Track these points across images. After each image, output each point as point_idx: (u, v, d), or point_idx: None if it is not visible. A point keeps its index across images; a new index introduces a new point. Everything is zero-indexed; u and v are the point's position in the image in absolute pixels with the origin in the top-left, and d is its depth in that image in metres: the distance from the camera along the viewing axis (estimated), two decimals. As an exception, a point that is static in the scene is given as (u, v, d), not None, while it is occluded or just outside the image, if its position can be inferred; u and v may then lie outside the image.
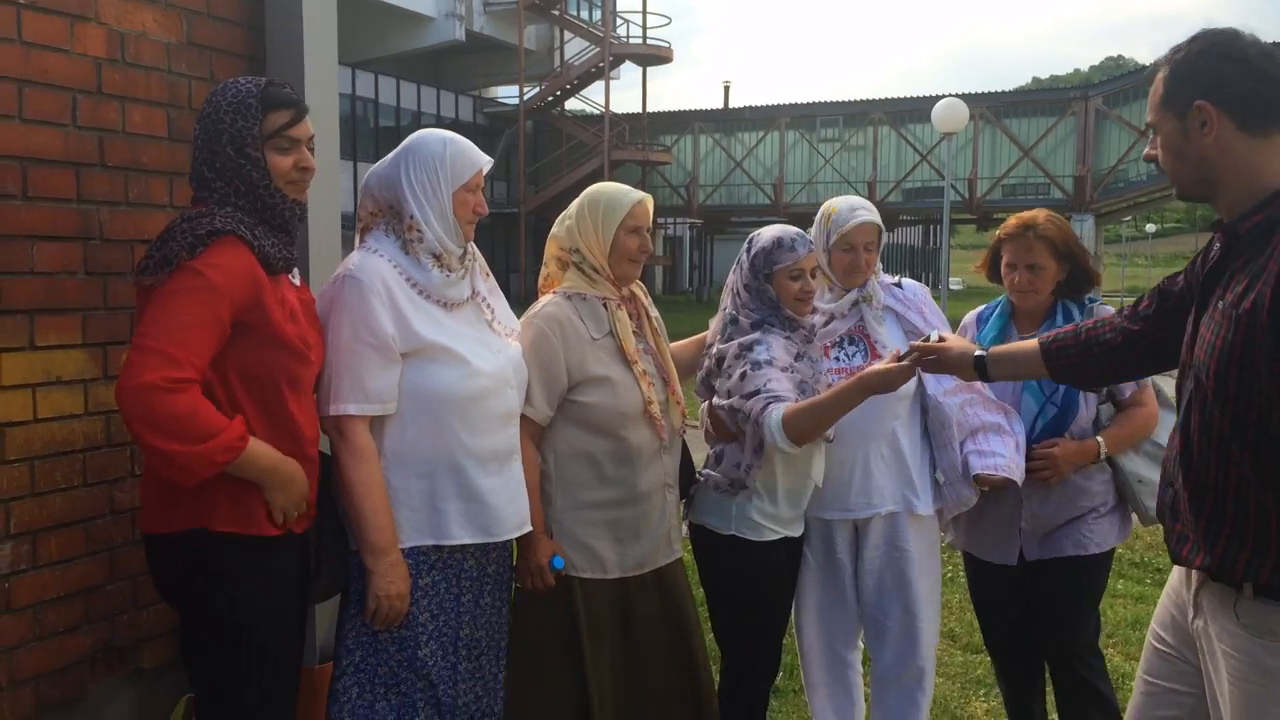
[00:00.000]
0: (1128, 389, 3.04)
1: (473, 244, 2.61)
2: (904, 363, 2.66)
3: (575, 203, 2.86)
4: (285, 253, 2.31)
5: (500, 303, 2.68)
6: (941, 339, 2.69)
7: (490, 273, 2.71)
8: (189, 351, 2.08)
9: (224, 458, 2.10)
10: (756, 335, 2.89)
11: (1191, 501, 1.98)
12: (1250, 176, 1.93)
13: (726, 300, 3.03)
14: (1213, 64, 1.94)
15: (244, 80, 2.31)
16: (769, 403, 2.74)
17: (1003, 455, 2.95)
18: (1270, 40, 2.00)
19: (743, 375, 2.83)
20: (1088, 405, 3.04)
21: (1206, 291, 2.00)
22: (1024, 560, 3.11)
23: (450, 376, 2.45)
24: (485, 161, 2.57)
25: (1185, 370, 2.03)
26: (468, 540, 2.51)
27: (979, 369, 2.58)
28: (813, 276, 2.94)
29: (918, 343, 2.69)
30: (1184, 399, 2.02)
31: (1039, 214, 3.13)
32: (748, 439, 2.82)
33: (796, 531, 3.03)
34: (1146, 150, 2.12)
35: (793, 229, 2.97)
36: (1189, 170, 2.01)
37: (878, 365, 2.71)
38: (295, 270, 2.41)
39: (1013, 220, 3.15)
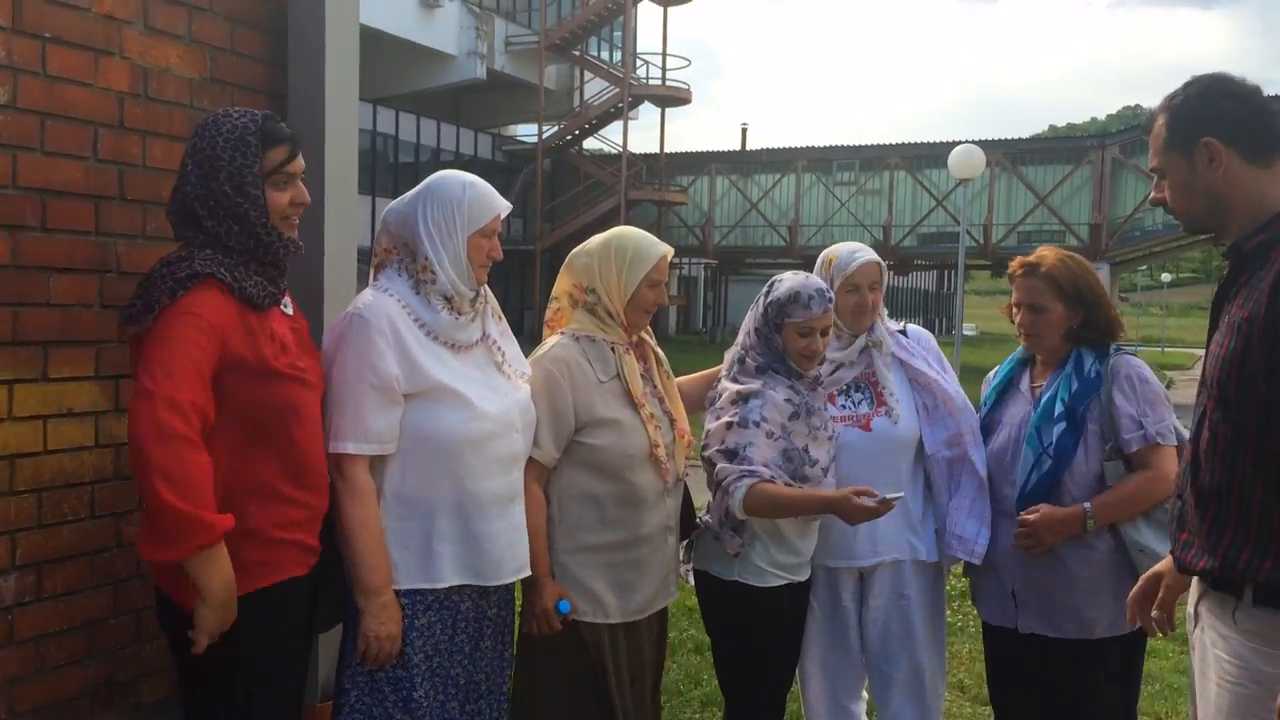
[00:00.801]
0: (1134, 443, 2.83)
1: (485, 287, 2.60)
2: (873, 504, 2.63)
3: (599, 242, 2.84)
4: (272, 288, 2.28)
5: (512, 345, 2.66)
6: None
7: (502, 315, 2.70)
8: (195, 397, 2.06)
9: (206, 539, 2.04)
10: (757, 386, 2.88)
11: (1198, 506, 2.06)
12: (1258, 203, 2.04)
13: (741, 336, 3.03)
14: (1214, 102, 2.06)
15: (236, 114, 2.27)
16: (743, 476, 2.76)
17: (959, 536, 2.99)
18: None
19: (729, 425, 2.83)
20: (1088, 459, 2.85)
21: (1216, 310, 2.11)
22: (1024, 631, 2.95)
23: (454, 419, 2.43)
24: (504, 207, 2.56)
25: (1201, 386, 2.12)
26: (458, 581, 2.48)
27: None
28: (823, 335, 2.92)
29: (1133, 596, 2.45)
30: (1198, 412, 2.10)
31: (1048, 252, 2.99)
32: (716, 504, 2.85)
33: (802, 576, 3.00)
34: (1153, 195, 2.22)
35: (815, 283, 2.93)
36: (1200, 204, 2.11)
37: (853, 498, 2.65)
38: (286, 299, 2.38)
39: (1019, 259, 3.03)
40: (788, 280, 2.95)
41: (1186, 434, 2.84)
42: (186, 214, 2.24)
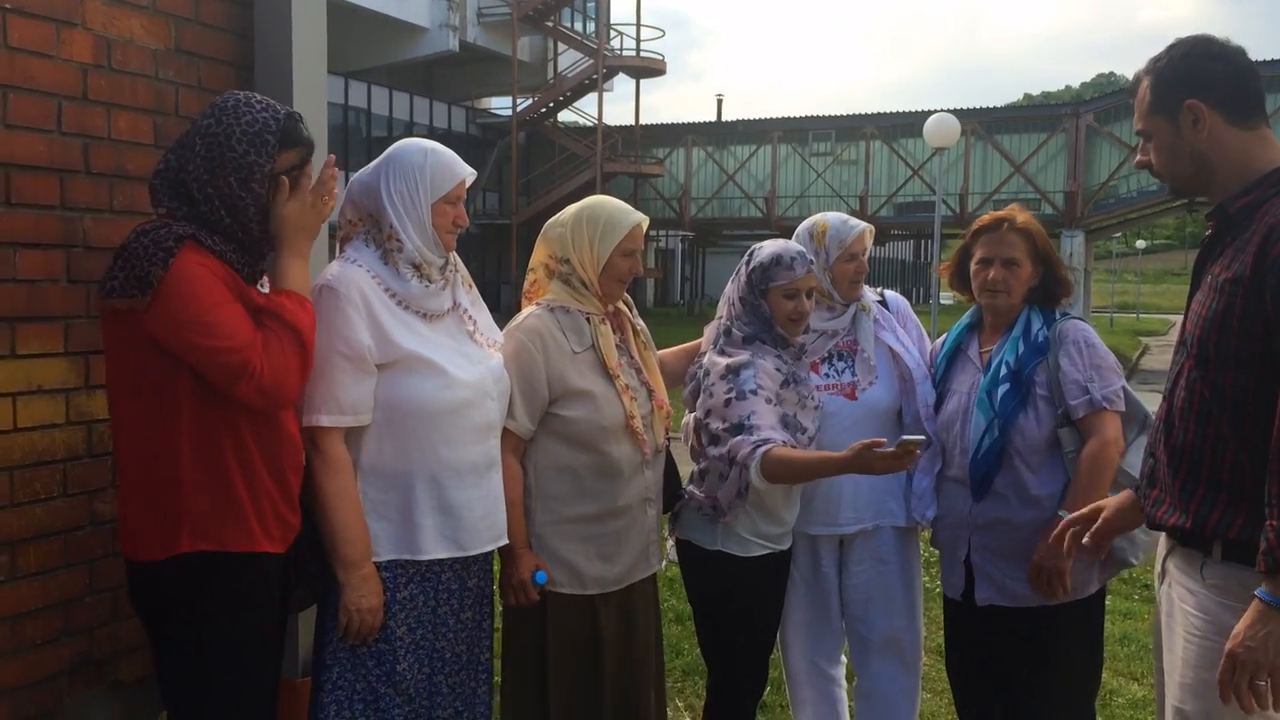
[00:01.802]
0: (1080, 409, 2.80)
1: (454, 254, 2.58)
2: (892, 450, 2.51)
3: (572, 211, 2.82)
4: (251, 267, 2.26)
5: (483, 314, 2.65)
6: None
7: (473, 284, 2.68)
8: (239, 332, 2.11)
9: (306, 316, 2.22)
10: (745, 357, 2.86)
11: (1170, 464, 2.08)
12: (1242, 165, 2.05)
13: (723, 309, 3.02)
14: (1198, 64, 2.07)
15: (259, 106, 2.21)
16: (756, 446, 2.69)
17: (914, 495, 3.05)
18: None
19: (727, 401, 2.80)
20: (1038, 424, 2.83)
21: (1199, 270, 2.12)
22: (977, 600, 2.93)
23: (429, 387, 2.42)
24: (467, 173, 2.54)
25: (1178, 346, 2.13)
26: (441, 555, 2.48)
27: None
28: (808, 297, 2.92)
29: (1070, 519, 2.42)
30: (1173, 371, 2.12)
31: (1016, 209, 3.00)
32: (730, 480, 2.76)
33: (785, 545, 3.00)
34: (1137, 158, 2.24)
35: (795, 246, 2.94)
36: (1184, 166, 2.12)
37: (872, 450, 2.53)
38: (264, 279, 2.36)
39: (988, 215, 3.02)
40: (768, 246, 2.96)
41: (1137, 399, 2.87)
42: (178, 186, 2.19)
